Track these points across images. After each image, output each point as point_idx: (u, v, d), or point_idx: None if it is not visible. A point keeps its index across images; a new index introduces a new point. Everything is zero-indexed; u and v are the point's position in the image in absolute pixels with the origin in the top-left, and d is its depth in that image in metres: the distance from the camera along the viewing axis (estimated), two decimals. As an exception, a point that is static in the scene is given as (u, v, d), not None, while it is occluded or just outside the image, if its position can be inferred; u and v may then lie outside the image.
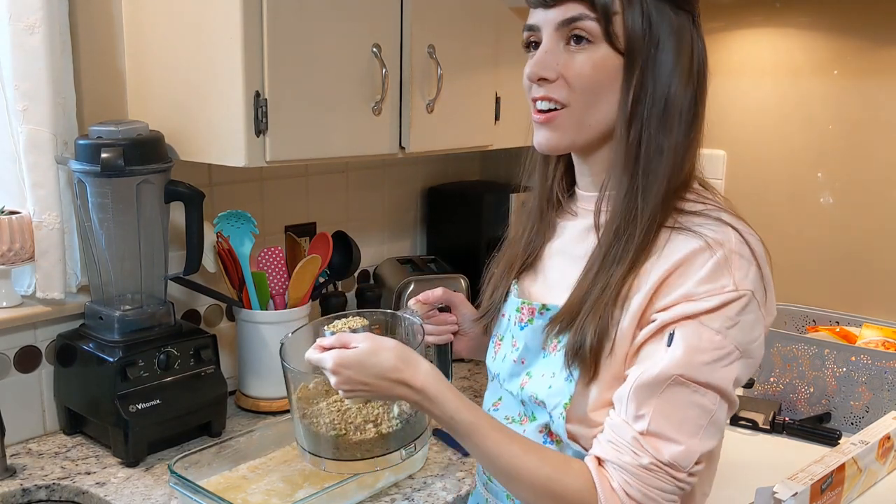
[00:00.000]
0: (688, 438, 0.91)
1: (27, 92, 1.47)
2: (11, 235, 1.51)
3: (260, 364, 1.74)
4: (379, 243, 2.24)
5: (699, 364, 0.91)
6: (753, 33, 2.00)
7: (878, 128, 1.87)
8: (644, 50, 0.95)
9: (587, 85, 0.96)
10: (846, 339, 1.83)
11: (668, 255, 0.95)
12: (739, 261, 0.93)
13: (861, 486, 1.44)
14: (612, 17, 0.95)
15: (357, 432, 1.08)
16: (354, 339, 1.00)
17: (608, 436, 0.94)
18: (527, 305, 1.07)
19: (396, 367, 0.97)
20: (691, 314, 0.91)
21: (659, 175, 0.96)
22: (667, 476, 0.91)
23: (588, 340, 0.95)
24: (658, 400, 0.91)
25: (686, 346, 0.91)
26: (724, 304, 0.91)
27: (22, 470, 1.47)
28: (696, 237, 0.94)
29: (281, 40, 1.43)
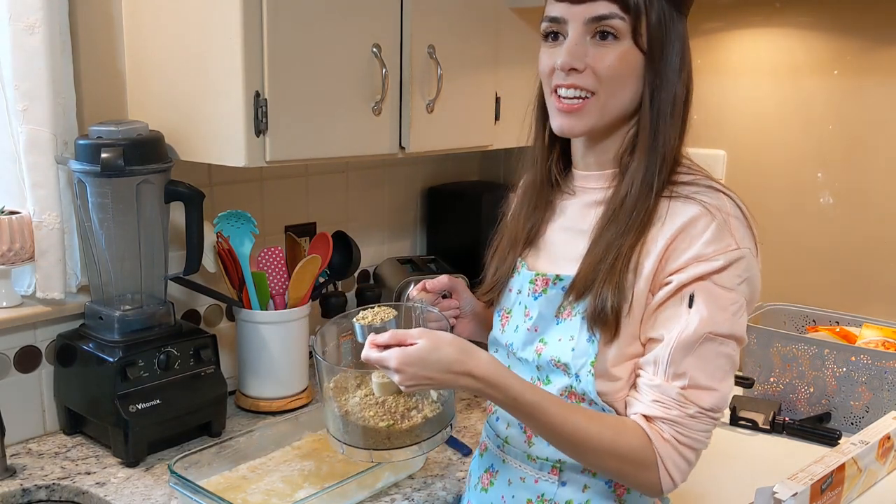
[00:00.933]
0: (720, 384, 1.04)
1: (27, 92, 1.47)
2: (11, 235, 1.51)
3: (260, 364, 1.74)
4: (379, 243, 2.24)
5: (722, 320, 1.03)
6: (753, 33, 2.00)
7: (878, 128, 1.87)
8: (660, 48, 1.06)
9: (613, 76, 1.06)
10: (846, 339, 1.83)
11: (671, 221, 1.05)
12: (736, 222, 1.05)
13: (861, 486, 1.44)
14: (640, 17, 1.05)
15: (405, 420, 1.12)
16: (410, 335, 1.03)
17: (652, 396, 1.05)
18: (541, 277, 1.15)
19: (459, 359, 1.02)
20: (704, 274, 1.02)
21: (667, 156, 1.08)
22: (708, 419, 1.04)
23: (609, 303, 1.05)
24: (693, 358, 1.03)
25: (709, 306, 1.02)
26: (731, 262, 1.03)
27: (22, 470, 1.47)
28: (695, 203, 1.05)
29: (281, 40, 1.43)
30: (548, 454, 1.14)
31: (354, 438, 1.14)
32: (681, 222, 1.05)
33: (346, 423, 1.14)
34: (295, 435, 1.59)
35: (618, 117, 1.09)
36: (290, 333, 1.75)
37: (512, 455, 1.20)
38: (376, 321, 1.15)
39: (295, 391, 1.78)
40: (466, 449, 1.61)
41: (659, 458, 1.03)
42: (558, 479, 1.14)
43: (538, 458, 1.16)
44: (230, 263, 1.74)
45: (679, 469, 1.05)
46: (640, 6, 1.04)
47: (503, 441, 1.21)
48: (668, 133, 1.08)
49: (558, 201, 1.20)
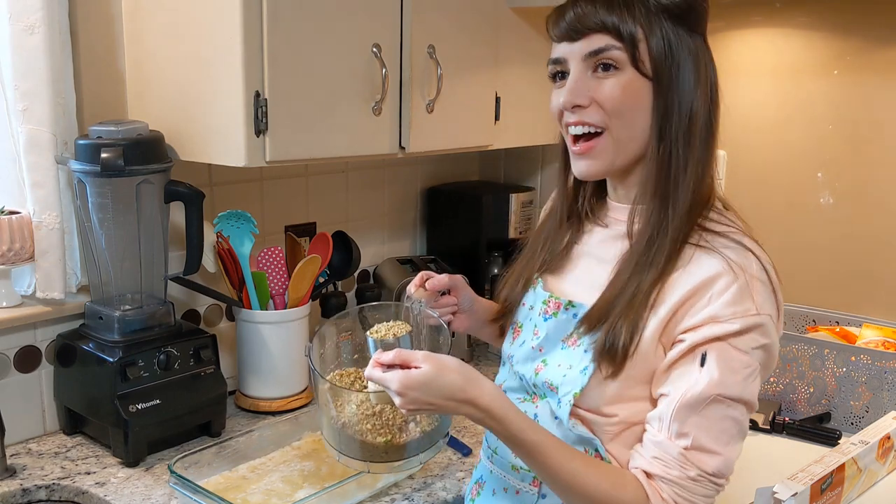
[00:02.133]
0: (725, 448, 1.01)
1: (27, 92, 1.47)
2: (11, 235, 1.51)
3: (260, 364, 1.74)
4: (379, 243, 2.24)
5: (733, 383, 0.99)
6: (753, 33, 2.00)
7: (878, 128, 1.87)
8: (667, 72, 1.03)
9: (619, 106, 1.04)
10: (846, 339, 1.83)
11: (693, 271, 1.02)
12: (760, 286, 1.02)
13: (861, 486, 1.44)
14: (638, 44, 1.02)
15: (402, 434, 1.11)
16: (415, 358, 1.01)
17: (654, 452, 1.02)
18: (554, 299, 1.14)
19: (463, 388, 1.00)
20: (720, 336, 0.99)
21: (685, 187, 1.04)
22: (710, 484, 1.01)
23: (621, 339, 1.02)
24: (698, 417, 1.00)
25: (720, 367, 0.99)
26: (749, 327, 1.00)
27: (22, 470, 1.47)
28: (720, 259, 1.01)
29: (281, 40, 1.43)
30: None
31: (351, 451, 1.13)
32: (701, 277, 1.01)
33: (343, 435, 1.13)
34: (295, 435, 1.59)
35: (636, 151, 1.07)
36: (290, 333, 1.75)
37: (498, 465, 1.19)
38: (389, 336, 1.12)
39: (295, 391, 1.78)
40: (467, 449, 1.61)
41: None
42: (538, 491, 1.13)
43: (521, 469, 1.15)
44: (230, 263, 1.74)
45: None
46: (634, 34, 1.02)
47: (493, 451, 1.20)
48: (683, 159, 1.04)
49: (588, 228, 1.19)
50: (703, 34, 1.08)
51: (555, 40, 1.08)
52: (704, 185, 1.07)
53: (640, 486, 1.01)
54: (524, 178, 2.43)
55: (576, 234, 1.19)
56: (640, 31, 1.02)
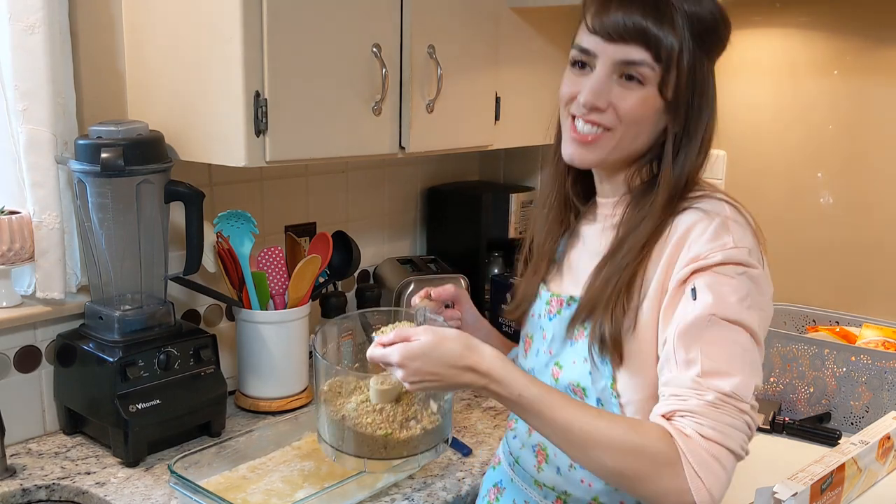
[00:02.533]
0: (739, 371, 0.96)
1: (27, 92, 1.47)
2: (11, 235, 1.51)
3: (260, 364, 1.74)
4: (379, 243, 2.24)
5: (727, 304, 0.97)
6: (753, 33, 2.00)
7: (878, 128, 1.87)
8: (685, 98, 1.05)
9: (634, 118, 1.06)
10: (846, 339, 1.83)
11: (672, 235, 1.04)
12: (735, 225, 1.02)
13: (861, 486, 1.44)
14: (670, 68, 1.04)
15: (403, 430, 1.10)
16: (415, 332, 1.02)
17: (668, 391, 0.98)
18: (556, 297, 1.16)
19: (462, 354, 0.99)
20: (703, 268, 0.99)
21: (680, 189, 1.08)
22: (733, 409, 0.94)
23: (606, 331, 1.03)
24: (701, 342, 0.96)
25: (711, 291, 0.98)
26: (730, 258, 0.99)
27: (22, 470, 1.47)
28: (695, 211, 1.04)
29: (281, 40, 1.43)
30: (554, 483, 1.13)
31: (348, 445, 1.12)
32: (681, 231, 1.03)
33: (342, 429, 1.11)
34: (295, 435, 1.59)
35: (629, 155, 1.09)
36: (290, 333, 1.75)
37: (520, 476, 1.19)
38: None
39: (295, 391, 1.78)
40: (467, 449, 1.61)
41: (683, 456, 0.92)
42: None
43: (544, 486, 1.15)
44: (230, 263, 1.74)
45: (711, 472, 0.92)
46: (671, 57, 1.03)
47: (514, 460, 1.21)
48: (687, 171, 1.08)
49: (582, 227, 1.20)
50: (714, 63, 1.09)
51: (588, 30, 1.06)
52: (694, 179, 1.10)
53: (661, 428, 0.95)
54: (524, 178, 2.43)
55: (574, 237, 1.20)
56: (675, 53, 1.03)
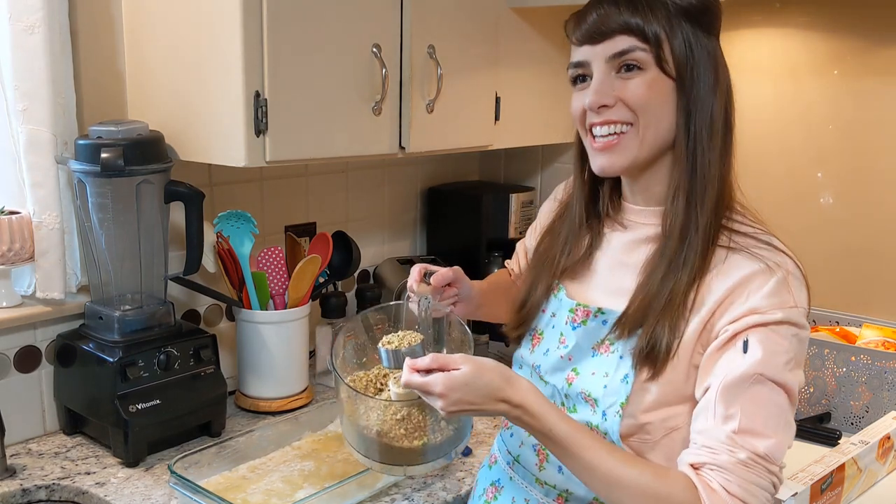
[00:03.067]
0: (775, 433, 0.96)
1: (27, 92, 1.47)
2: (11, 235, 1.51)
3: (260, 364, 1.74)
4: (379, 243, 2.24)
5: (776, 365, 0.97)
6: (753, 33, 2.00)
7: (878, 127, 1.87)
8: (689, 73, 1.04)
9: (645, 103, 1.04)
10: (846, 339, 1.83)
11: (729, 272, 1.02)
12: (796, 282, 1.02)
13: (861, 486, 1.44)
14: (662, 44, 1.03)
15: (436, 434, 1.11)
16: (454, 360, 1.01)
17: (701, 441, 0.97)
18: (582, 308, 1.13)
19: (501, 386, 1.00)
20: (761, 323, 0.98)
21: (711, 186, 1.06)
22: (763, 470, 0.95)
23: (664, 341, 1.02)
24: (743, 399, 0.96)
25: (763, 349, 0.97)
26: (789, 318, 0.99)
27: (22, 470, 1.47)
28: (756, 260, 1.02)
29: (281, 40, 1.43)
30: (556, 481, 1.13)
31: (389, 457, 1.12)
32: (740, 276, 1.01)
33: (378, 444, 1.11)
34: (295, 435, 1.59)
35: (657, 149, 1.07)
36: (290, 333, 1.75)
37: (520, 475, 1.19)
38: (403, 345, 1.12)
39: (295, 391, 1.78)
40: (467, 449, 1.61)
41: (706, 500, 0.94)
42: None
43: (546, 484, 1.14)
44: (230, 263, 1.74)
45: None
46: (659, 34, 1.03)
47: (514, 459, 1.20)
48: (707, 157, 1.06)
49: (608, 231, 1.18)
50: (717, 37, 1.09)
51: (576, 44, 1.08)
52: (727, 186, 1.09)
53: (687, 478, 0.96)
54: (524, 178, 2.43)
55: (596, 239, 1.18)
56: (662, 31, 1.03)
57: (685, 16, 1.04)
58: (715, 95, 1.07)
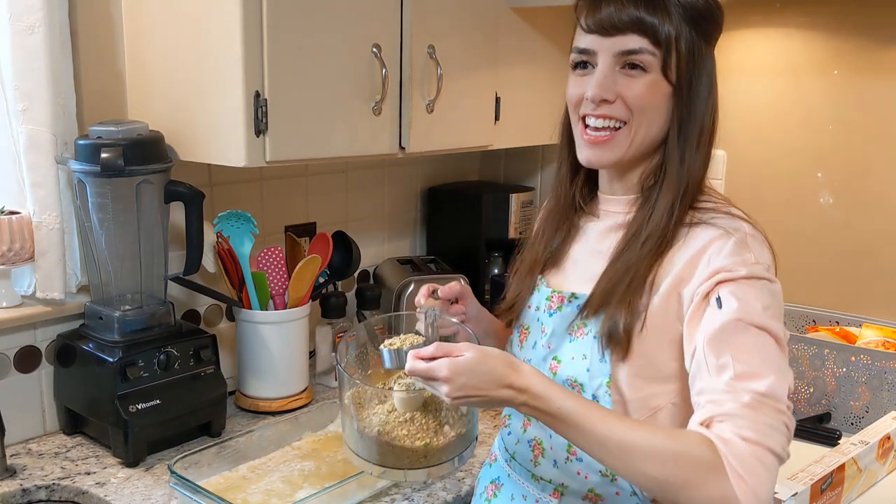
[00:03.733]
0: (772, 372, 0.96)
1: (27, 92, 1.47)
2: (11, 235, 1.51)
3: (260, 364, 1.74)
4: (379, 243, 2.24)
5: (753, 310, 0.99)
6: (753, 33, 2.00)
7: (878, 127, 1.87)
8: (689, 81, 1.07)
9: (644, 105, 1.06)
10: (846, 339, 1.83)
11: (690, 244, 1.06)
12: (754, 241, 1.05)
13: (861, 486, 1.44)
14: (670, 52, 1.05)
15: (439, 437, 1.11)
16: (457, 347, 1.01)
17: (702, 400, 0.97)
18: (557, 294, 1.16)
19: (505, 372, 0.99)
20: (729, 279, 1.01)
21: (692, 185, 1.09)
22: (770, 409, 0.94)
23: (622, 323, 1.05)
24: (732, 347, 0.97)
25: (737, 298, 0.99)
26: (753, 274, 1.01)
27: (22, 470, 1.47)
28: (714, 228, 1.05)
29: (281, 40, 1.43)
30: (551, 476, 1.14)
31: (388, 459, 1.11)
32: (700, 244, 1.05)
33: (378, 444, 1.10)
34: (295, 435, 1.59)
35: (645, 148, 1.10)
36: (289, 333, 1.75)
37: (517, 472, 1.20)
38: (405, 345, 1.13)
39: (295, 391, 1.78)
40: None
41: (726, 460, 0.91)
42: (558, 503, 1.13)
43: (541, 479, 1.15)
44: (230, 263, 1.74)
45: (755, 474, 0.90)
46: (670, 40, 1.04)
47: (510, 456, 1.21)
48: (693, 163, 1.08)
49: (583, 223, 1.21)
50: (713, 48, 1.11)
51: (584, 30, 1.08)
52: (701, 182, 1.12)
53: (700, 434, 0.94)
54: (524, 178, 2.43)
55: (573, 231, 1.21)
56: (673, 37, 1.04)
57: (691, 21, 1.05)
58: (707, 107, 1.09)
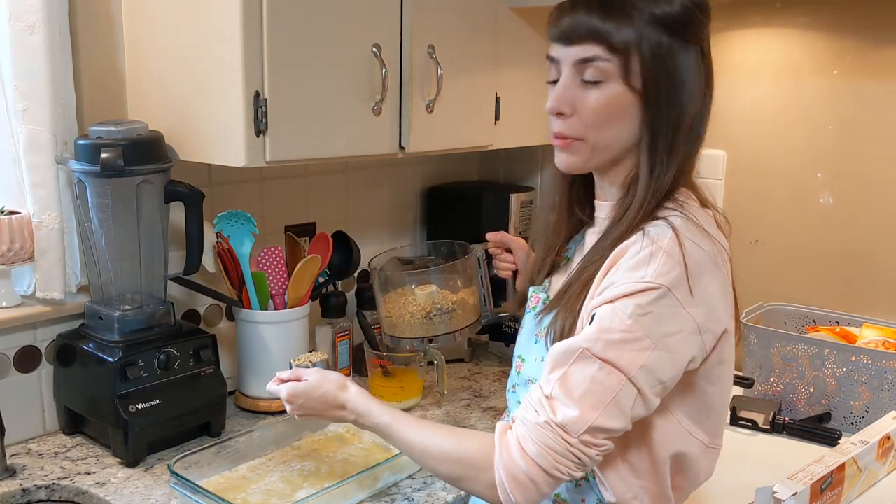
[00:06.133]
0: (585, 408, 0.97)
1: (27, 92, 1.47)
2: (11, 235, 1.51)
3: (259, 364, 1.74)
4: (379, 243, 2.24)
5: (606, 341, 0.98)
6: (753, 33, 2.00)
7: (878, 128, 1.87)
8: (656, 86, 1.03)
9: (600, 119, 1.04)
10: (846, 339, 1.83)
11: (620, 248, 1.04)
12: (664, 258, 0.99)
13: (861, 486, 1.44)
14: (629, 57, 1.01)
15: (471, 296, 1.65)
16: (306, 373, 1.25)
17: (524, 399, 1.04)
18: (535, 293, 1.19)
19: (336, 394, 1.21)
20: (610, 299, 1.00)
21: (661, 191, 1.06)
22: (558, 437, 0.98)
23: (559, 326, 1.07)
24: (566, 369, 1.00)
25: (598, 324, 0.99)
26: (636, 291, 0.98)
27: (22, 470, 1.47)
28: (639, 234, 1.02)
29: (281, 40, 1.43)
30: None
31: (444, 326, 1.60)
32: (619, 250, 1.03)
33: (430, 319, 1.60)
34: (295, 435, 1.59)
35: (616, 154, 1.08)
36: (290, 333, 1.75)
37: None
38: (306, 362, 1.46)
39: (295, 391, 1.78)
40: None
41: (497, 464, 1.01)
42: None
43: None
44: (230, 263, 1.74)
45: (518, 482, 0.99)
46: (628, 45, 1.01)
47: None
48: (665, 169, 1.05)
49: (586, 231, 1.21)
50: (700, 44, 1.06)
51: (551, 39, 1.09)
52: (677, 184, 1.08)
53: (487, 437, 1.05)
54: (524, 178, 2.43)
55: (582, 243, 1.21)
56: (633, 43, 1.01)
57: (662, 26, 1.01)
58: (685, 107, 1.04)
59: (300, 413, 1.24)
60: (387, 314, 1.67)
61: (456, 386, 1.94)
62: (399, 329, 1.65)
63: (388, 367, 1.79)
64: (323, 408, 1.21)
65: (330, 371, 1.24)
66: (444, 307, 1.61)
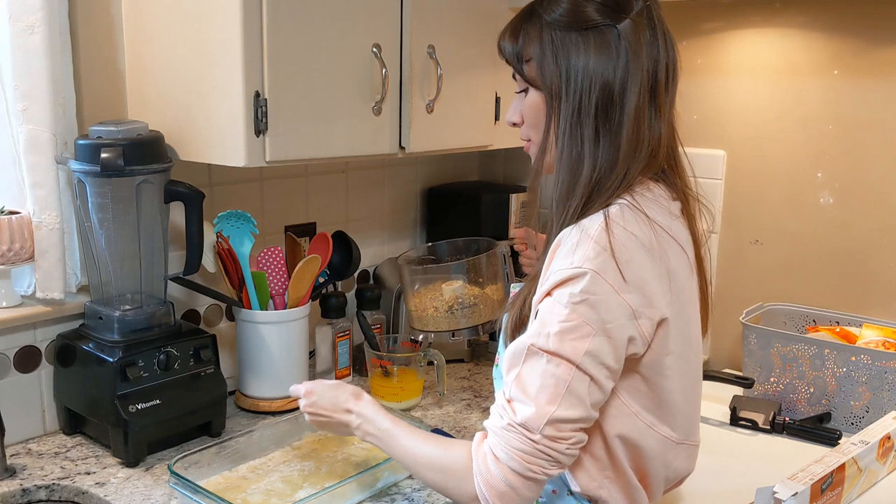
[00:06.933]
0: (541, 403, 1.00)
1: (27, 92, 1.47)
2: (11, 235, 1.51)
3: (260, 364, 1.74)
4: (379, 243, 2.24)
5: (548, 334, 1.01)
6: (753, 33, 2.00)
7: (878, 128, 1.87)
8: (558, 84, 1.08)
9: (529, 122, 1.16)
10: (846, 339, 1.83)
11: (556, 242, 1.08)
12: (592, 244, 1.01)
13: (861, 486, 1.44)
14: (524, 64, 1.12)
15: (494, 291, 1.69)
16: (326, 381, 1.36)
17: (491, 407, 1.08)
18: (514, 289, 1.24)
19: (347, 398, 1.28)
20: (547, 290, 1.03)
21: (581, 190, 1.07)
22: (522, 437, 1.01)
23: (505, 325, 1.15)
24: (519, 369, 1.04)
25: (540, 318, 1.03)
26: (565, 279, 1.01)
27: (22, 470, 1.47)
28: (572, 226, 1.06)
29: (281, 40, 1.43)
30: None
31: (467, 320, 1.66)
32: (555, 242, 1.07)
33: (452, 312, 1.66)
34: (295, 435, 1.59)
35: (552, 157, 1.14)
36: (289, 333, 1.75)
37: None
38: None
39: (295, 391, 1.78)
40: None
41: (475, 472, 1.04)
42: None
43: None
44: (230, 263, 1.74)
45: (490, 485, 1.03)
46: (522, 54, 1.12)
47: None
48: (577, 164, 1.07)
49: None
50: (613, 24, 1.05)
51: None
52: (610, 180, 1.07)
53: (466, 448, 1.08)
54: (524, 178, 2.43)
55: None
56: (527, 51, 1.11)
57: (557, 26, 1.08)
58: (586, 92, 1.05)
59: (311, 410, 1.31)
60: (413, 308, 1.72)
61: (456, 386, 1.95)
62: (423, 322, 1.70)
63: (388, 367, 1.79)
64: (332, 408, 1.28)
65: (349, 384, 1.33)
66: (466, 301, 1.66)
